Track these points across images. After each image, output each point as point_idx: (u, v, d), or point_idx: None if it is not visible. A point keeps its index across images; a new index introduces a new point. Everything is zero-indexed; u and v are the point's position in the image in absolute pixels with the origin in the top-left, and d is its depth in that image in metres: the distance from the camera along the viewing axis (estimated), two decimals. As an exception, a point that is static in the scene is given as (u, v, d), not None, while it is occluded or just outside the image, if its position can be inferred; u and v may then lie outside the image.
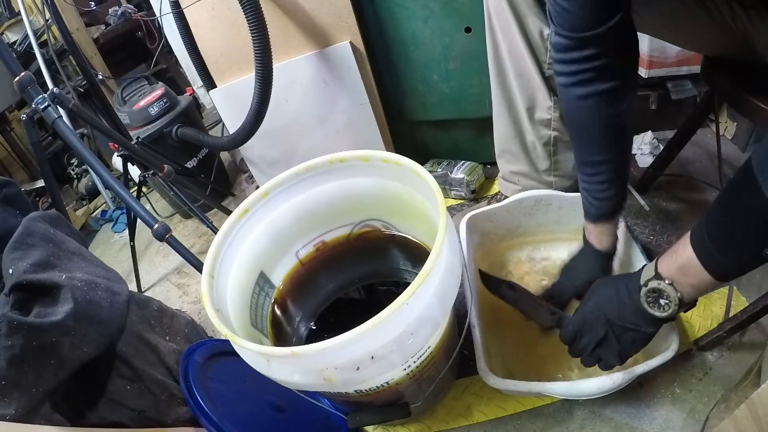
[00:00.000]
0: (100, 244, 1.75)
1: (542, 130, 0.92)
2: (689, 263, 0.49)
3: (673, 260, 0.51)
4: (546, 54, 0.82)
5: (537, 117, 0.90)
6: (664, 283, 0.51)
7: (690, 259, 0.49)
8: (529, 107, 0.90)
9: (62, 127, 0.92)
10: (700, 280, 0.49)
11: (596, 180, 0.66)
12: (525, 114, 0.91)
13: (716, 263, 0.47)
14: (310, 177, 0.72)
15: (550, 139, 0.93)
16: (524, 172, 1.00)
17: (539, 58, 0.83)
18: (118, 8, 2.19)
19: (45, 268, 0.70)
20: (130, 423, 0.73)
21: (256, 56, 0.94)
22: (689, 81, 1.14)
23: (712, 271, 0.47)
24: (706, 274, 0.48)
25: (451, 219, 0.59)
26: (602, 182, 0.65)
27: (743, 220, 0.44)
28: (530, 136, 0.94)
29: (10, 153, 2.21)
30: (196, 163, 1.52)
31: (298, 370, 0.51)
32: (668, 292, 0.51)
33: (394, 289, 0.89)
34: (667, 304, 0.52)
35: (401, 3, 1.01)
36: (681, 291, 0.51)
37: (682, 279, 0.50)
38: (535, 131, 0.93)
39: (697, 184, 1.05)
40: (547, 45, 0.81)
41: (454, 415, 0.79)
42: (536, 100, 0.88)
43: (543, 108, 0.89)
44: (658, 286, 0.52)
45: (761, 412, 0.40)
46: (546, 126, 0.91)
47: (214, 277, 0.61)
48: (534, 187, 1.00)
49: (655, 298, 0.53)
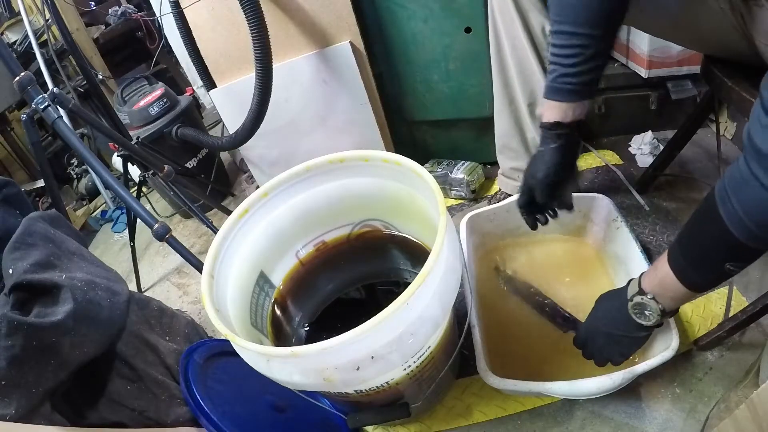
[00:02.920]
0: (100, 244, 1.75)
1: None
2: (667, 278, 0.56)
3: (653, 276, 0.59)
4: (548, 49, 0.83)
5: (538, 113, 0.91)
6: (647, 297, 0.59)
7: (667, 275, 0.55)
8: (530, 103, 0.91)
9: (62, 127, 0.92)
10: (677, 292, 0.56)
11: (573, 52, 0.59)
12: (526, 110, 0.92)
13: (689, 278, 0.54)
14: (310, 177, 0.72)
15: None
16: (524, 168, 1.00)
17: (541, 54, 0.84)
18: (118, 8, 2.19)
19: (45, 268, 0.70)
20: (130, 423, 0.73)
21: (256, 56, 0.94)
22: (689, 81, 1.14)
23: (686, 284, 0.54)
24: (681, 287, 0.55)
25: (451, 219, 0.59)
26: (578, 56, 0.58)
27: (707, 241, 0.50)
28: (531, 132, 0.95)
29: (10, 153, 2.21)
30: (196, 163, 1.52)
31: (298, 370, 0.51)
32: (651, 306, 0.59)
33: (394, 289, 0.89)
34: (651, 315, 0.59)
35: (401, 3, 1.01)
36: (662, 303, 0.58)
37: (662, 292, 0.58)
38: (536, 127, 0.93)
39: (697, 183, 1.05)
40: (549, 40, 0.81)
41: (454, 415, 0.79)
42: (537, 96, 0.89)
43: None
44: (642, 300, 0.59)
45: (761, 412, 0.40)
46: None
47: (214, 277, 0.61)
48: None
49: (641, 310, 0.60)
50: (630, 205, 1.05)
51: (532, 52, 0.84)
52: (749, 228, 0.43)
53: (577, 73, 0.59)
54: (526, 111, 0.92)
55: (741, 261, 0.48)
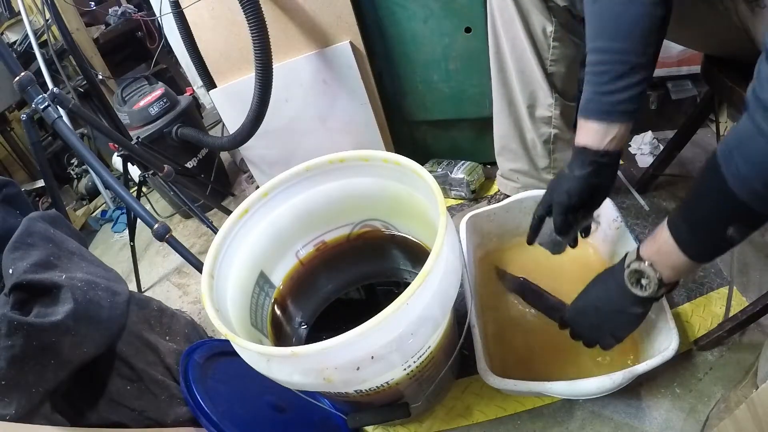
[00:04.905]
0: (100, 244, 1.75)
1: (542, 127, 0.92)
2: (666, 244, 0.52)
3: (652, 243, 0.54)
4: (548, 51, 0.82)
5: (538, 114, 0.91)
6: (644, 264, 0.54)
7: (666, 241, 0.51)
8: (530, 105, 0.90)
9: (62, 127, 0.92)
10: (676, 260, 0.52)
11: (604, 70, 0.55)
12: (525, 111, 0.91)
13: (689, 244, 0.50)
14: (310, 177, 0.72)
15: (550, 136, 0.93)
16: (523, 170, 1.00)
17: (542, 55, 0.83)
18: (118, 8, 2.19)
19: (45, 268, 0.70)
20: (130, 423, 0.73)
21: (256, 56, 0.94)
22: (689, 81, 1.14)
23: (686, 251, 0.50)
24: (682, 255, 0.51)
25: (451, 219, 0.59)
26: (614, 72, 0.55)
27: (708, 203, 0.47)
28: (530, 133, 0.94)
29: (10, 153, 2.21)
30: (196, 163, 1.52)
31: (298, 370, 0.51)
32: (648, 273, 0.54)
33: (394, 289, 0.89)
34: (648, 284, 0.55)
35: (401, 3, 1.01)
36: (660, 271, 0.54)
37: (661, 260, 0.53)
38: (536, 128, 0.93)
39: (697, 184, 1.05)
40: (550, 42, 0.81)
41: (454, 415, 0.79)
42: (537, 97, 0.88)
43: (544, 105, 0.89)
44: (639, 267, 0.55)
45: (761, 412, 0.40)
46: (546, 123, 0.91)
47: (214, 277, 0.61)
48: (533, 185, 1.00)
49: (637, 278, 0.56)
50: (630, 205, 1.05)
51: (533, 53, 0.83)
52: (754, 187, 0.41)
53: (612, 90, 0.55)
54: (526, 113, 0.91)
55: (744, 225, 0.45)
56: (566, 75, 0.85)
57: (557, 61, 0.83)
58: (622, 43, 0.54)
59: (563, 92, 0.87)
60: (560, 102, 0.87)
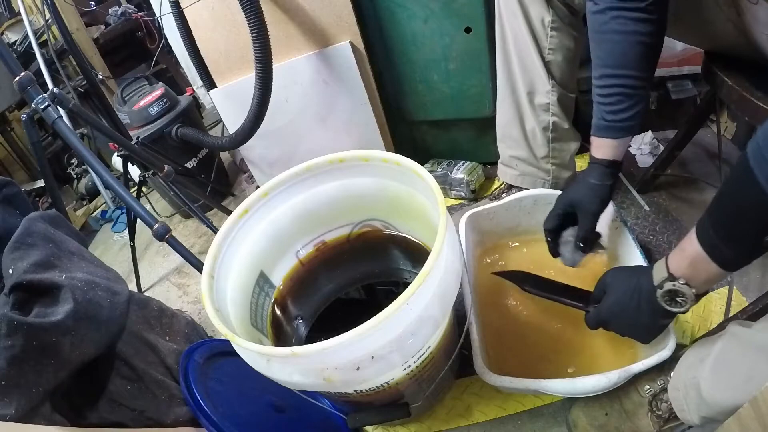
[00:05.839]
0: (100, 244, 1.75)
1: (542, 115, 0.95)
2: (698, 258, 0.50)
3: (682, 258, 0.53)
4: (546, 40, 0.87)
5: (537, 101, 0.93)
6: (679, 283, 0.53)
7: (698, 254, 0.50)
8: (530, 91, 0.93)
9: (62, 127, 0.92)
10: (710, 273, 0.50)
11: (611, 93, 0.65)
12: (526, 98, 0.94)
13: (723, 255, 0.48)
14: (310, 177, 0.72)
15: (549, 124, 0.95)
16: (523, 157, 1.02)
17: (540, 44, 0.87)
18: (118, 8, 2.19)
19: (45, 268, 0.70)
20: (130, 423, 0.73)
21: (256, 56, 0.94)
22: (689, 81, 1.14)
23: (720, 263, 0.49)
24: (715, 266, 0.49)
25: (451, 219, 0.59)
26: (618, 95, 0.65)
27: (742, 210, 0.45)
28: (530, 122, 0.96)
29: (10, 153, 2.21)
30: (196, 163, 1.52)
31: (298, 370, 0.51)
32: (684, 291, 0.53)
33: (394, 289, 0.89)
34: (684, 301, 0.54)
35: (401, 3, 1.01)
36: (695, 287, 0.52)
37: (695, 275, 0.52)
38: (535, 116, 0.95)
39: (697, 183, 1.05)
40: (548, 32, 0.86)
41: (454, 415, 0.79)
42: (536, 84, 0.92)
43: (542, 92, 0.92)
44: (674, 287, 0.53)
45: (765, 411, 0.40)
46: (545, 111, 0.94)
47: (214, 277, 0.61)
48: (532, 173, 1.02)
49: (671, 297, 0.55)
50: (630, 205, 1.05)
51: (532, 44, 0.87)
52: None
53: (617, 111, 0.65)
54: (526, 99, 0.94)
55: None
56: (563, 63, 0.89)
57: (555, 50, 0.88)
58: (623, 70, 0.63)
59: (560, 80, 0.91)
60: (557, 89, 0.91)
